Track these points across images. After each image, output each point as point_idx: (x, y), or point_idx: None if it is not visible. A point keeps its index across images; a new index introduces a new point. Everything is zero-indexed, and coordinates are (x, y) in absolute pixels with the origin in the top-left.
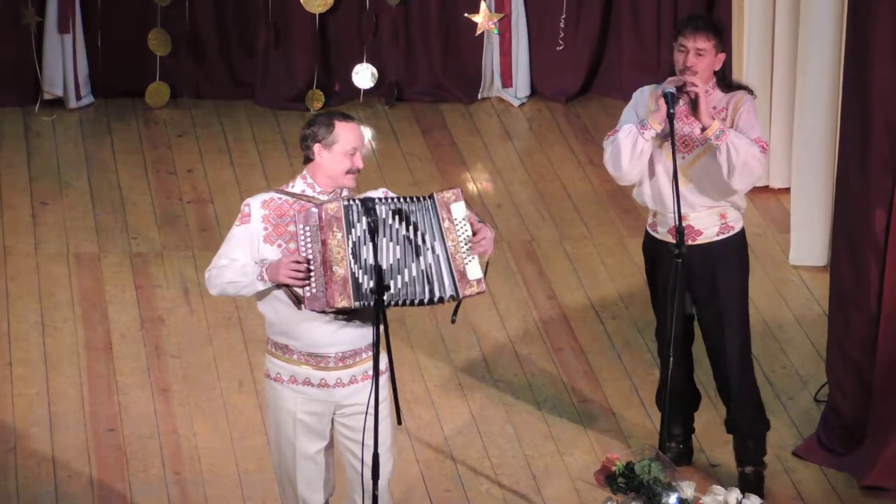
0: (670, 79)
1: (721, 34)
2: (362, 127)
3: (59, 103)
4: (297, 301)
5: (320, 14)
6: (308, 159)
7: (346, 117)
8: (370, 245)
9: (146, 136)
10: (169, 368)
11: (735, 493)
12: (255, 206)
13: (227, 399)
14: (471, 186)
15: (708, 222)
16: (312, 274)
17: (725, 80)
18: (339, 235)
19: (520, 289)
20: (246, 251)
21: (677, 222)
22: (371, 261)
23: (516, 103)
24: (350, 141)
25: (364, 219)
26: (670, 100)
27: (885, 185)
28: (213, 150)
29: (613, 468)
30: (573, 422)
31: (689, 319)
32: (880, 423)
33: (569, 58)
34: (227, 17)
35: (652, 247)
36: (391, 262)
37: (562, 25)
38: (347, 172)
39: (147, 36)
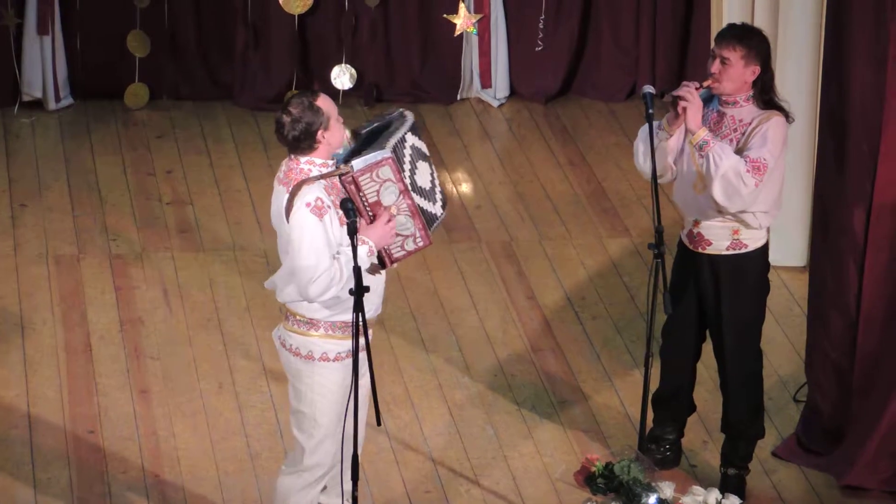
0: (684, 83)
1: (753, 47)
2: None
3: (38, 105)
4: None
5: (299, 15)
6: (311, 148)
7: (314, 93)
8: (419, 168)
9: (125, 138)
10: (148, 370)
11: (714, 494)
12: (324, 196)
13: (207, 401)
14: (450, 187)
15: (718, 234)
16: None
17: (764, 97)
18: (401, 182)
19: (499, 289)
20: (335, 241)
21: (656, 223)
22: (423, 183)
23: (495, 104)
24: (334, 108)
25: (406, 145)
26: (648, 100)
27: (864, 186)
28: (193, 151)
29: (593, 468)
30: (553, 422)
31: (699, 334)
32: (860, 422)
33: (548, 58)
34: (207, 19)
35: (679, 247)
36: (430, 182)
37: (541, 26)
38: (344, 137)
39: (126, 37)
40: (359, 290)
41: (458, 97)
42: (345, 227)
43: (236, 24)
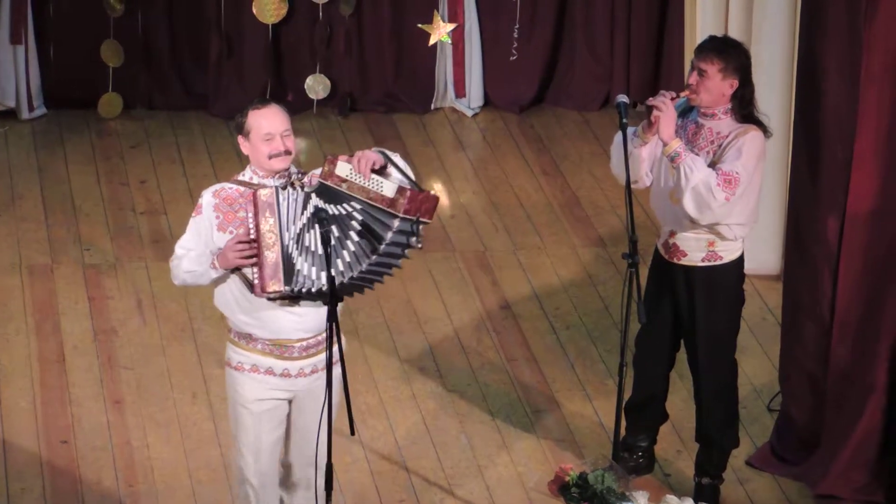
0: (661, 92)
1: (731, 61)
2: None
3: (11, 114)
4: (251, 286)
5: (273, 25)
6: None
7: (263, 103)
8: (316, 230)
9: (99, 148)
10: (122, 380)
11: (688, 503)
12: (207, 196)
13: (181, 410)
14: None
15: (693, 245)
16: (257, 259)
17: (742, 111)
18: (270, 220)
19: (473, 299)
20: (200, 241)
21: (630, 232)
22: (311, 246)
23: (470, 113)
24: (263, 126)
25: (309, 203)
26: (622, 110)
27: (837, 195)
28: (166, 160)
29: (567, 478)
30: (527, 432)
31: (673, 343)
32: (833, 431)
33: (522, 67)
34: (180, 28)
35: (654, 255)
36: (332, 244)
37: (515, 35)
38: (270, 157)
39: (100, 47)
40: (332, 299)
41: (433, 107)
42: (220, 234)
43: (210, 34)
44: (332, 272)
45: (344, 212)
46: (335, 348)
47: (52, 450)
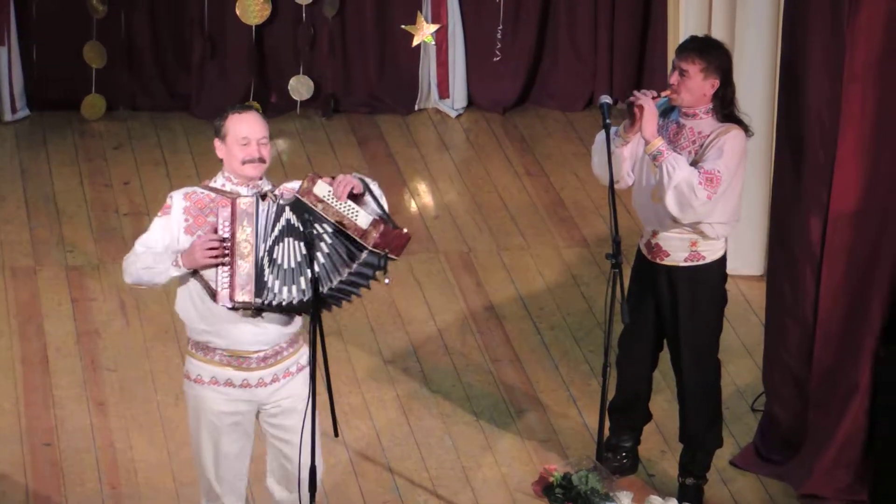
0: (642, 90)
1: (712, 61)
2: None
3: None
4: (213, 293)
5: (257, 26)
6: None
7: (243, 108)
8: (285, 243)
9: (82, 149)
10: (105, 382)
11: None
12: (178, 198)
13: (164, 412)
14: (408, 198)
15: (676, 245)
16: (227, 266)
17: (724, 111)
18: (248, 230)
19: (457, 300)
20: (164, 241)
21: (614, 233)
22: (279, 259)
23: (453, 114)
24: (240, 130)
25: (281, 217)
26: (606, 110)
27: (820, 195)
28: (150, 162)
29: (551, 479)
30: (511, 433)
31: (656, 343)
32: (817, 431)
33: (506, 68)
34: (164, 30)
35: (637, 255)
36: (296, 263)
37: (498, 36)
38: (243, 163)
39: (83, 48)
40: (316, 303)
41: (416, 107)
42: (188, 237)
43: (193, 35)
44: (295, 290)
45: (315, 232)
46: (318, 351)
47: (35, 452)
